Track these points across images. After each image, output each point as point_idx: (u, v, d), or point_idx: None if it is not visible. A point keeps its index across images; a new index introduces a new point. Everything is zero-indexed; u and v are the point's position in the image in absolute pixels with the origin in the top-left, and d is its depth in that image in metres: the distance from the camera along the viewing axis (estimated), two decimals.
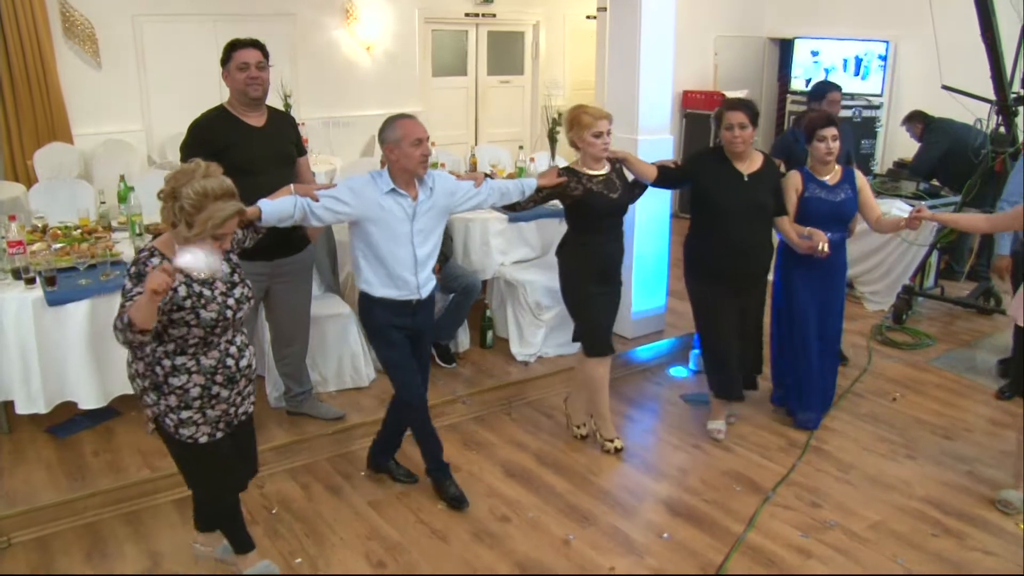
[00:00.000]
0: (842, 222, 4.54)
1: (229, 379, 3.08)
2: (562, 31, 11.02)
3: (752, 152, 4.35)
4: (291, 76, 8.48)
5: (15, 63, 7.46)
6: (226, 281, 3.05)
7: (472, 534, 3.79)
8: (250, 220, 3.35)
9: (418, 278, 3.73)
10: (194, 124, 4.05)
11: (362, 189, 3.60)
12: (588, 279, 4.26)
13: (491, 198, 4.02)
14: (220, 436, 3.12)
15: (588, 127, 4.10)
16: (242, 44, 4.01)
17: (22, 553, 3.66)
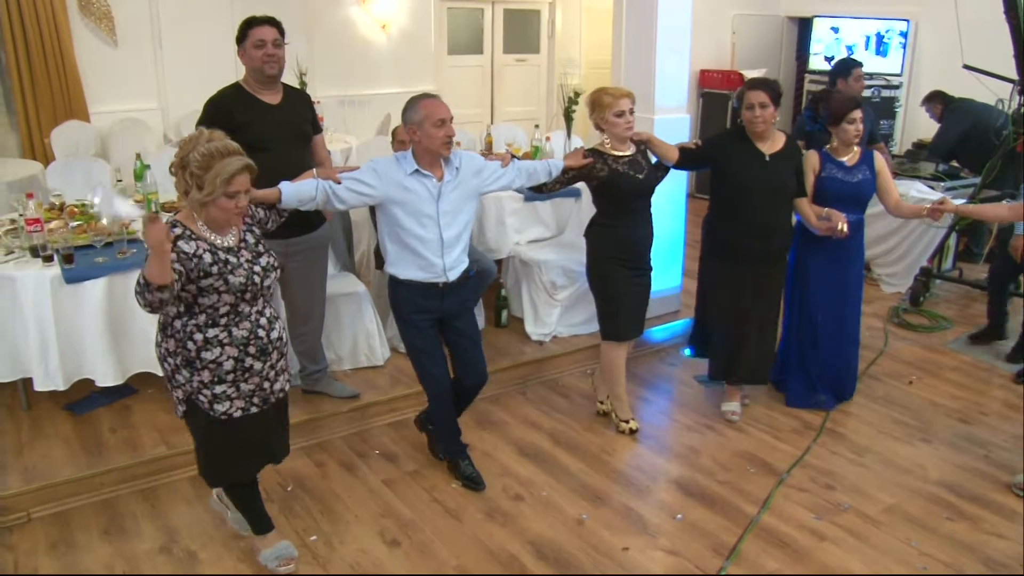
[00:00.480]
0: (859, 204, 4.51)
1: (261, 350, 3.12)
2: (578, 9, 10.96)
3: (774, 132, 4.33)
4: (306, 54, 8.45)
5: (32, 41, 7.48)
6: (251, 250, 3.10)
7: (485, 513, 3.80)
8: (272, 202, 3.37)
9: (444, 260, 3.69)
10: (210, 101, 4.05)
11: (386, 171, 3.59)
12: (613, 262, 4.25)
13: (519, 179, 3.99)
14: (255, 411, 3.16)
15: (609, 107, 4.08)
16: (258, 21, 4.00)
17: (41, 528, 3.70)
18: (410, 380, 4.89)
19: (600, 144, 4.23)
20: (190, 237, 2.95)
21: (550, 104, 10.92)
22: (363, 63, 9.33)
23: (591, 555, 3.52)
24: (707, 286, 4.64)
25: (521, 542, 3.60)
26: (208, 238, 3.00)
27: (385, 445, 4.37)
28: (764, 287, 4.47)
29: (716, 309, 4.59)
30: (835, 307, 4.61)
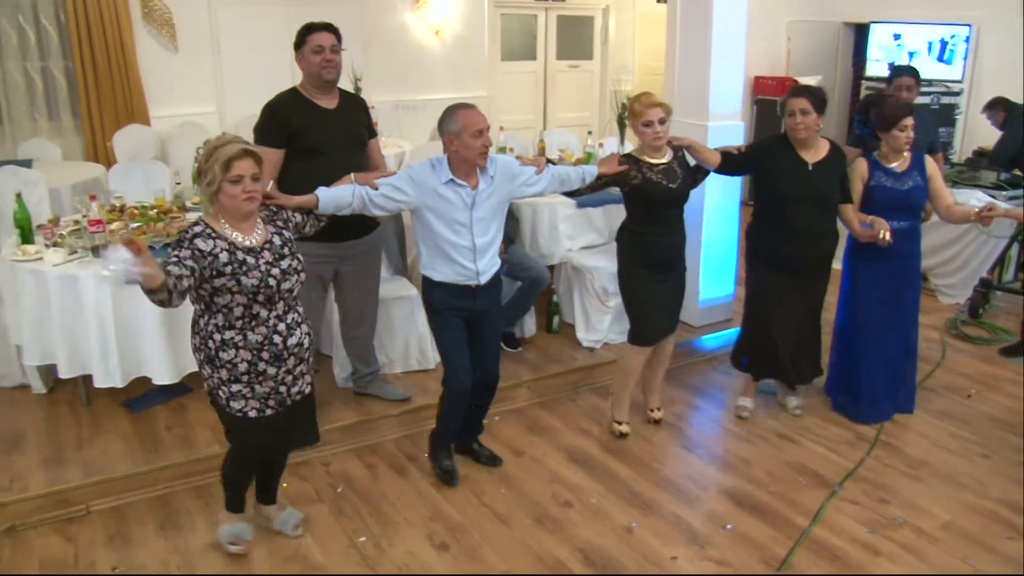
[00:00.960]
0: (910, 211, 4.41)
1: (275, 356, 3.14)
2: (632, 15, 10.93)
3: (817, 140, 4.27)
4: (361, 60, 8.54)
5: (98, 48, 7.68)
6: (275, 252, 3.12)
7: (534, 518, 3.80)
8: (309, 208, 3.42)
9: (477, 265, 3.72)
10: (268, 106, 4.10)
11: (421, 177, 3.61)
12: (642, 267, 4.23)
13: (552, 185, 3.98)
14: (270, 413, 3.21)
15: (639, 116, 4.05)
16: (317, 27, 4.04)
17: (99, 521, 3.78)
18: None
19: (636, 150, 4.20)
20: (210, 236, 2.99)
21: (603, 110, 10.90)
22: (417, 69, 9.40)
23: (640, 563, 3.50)
24: (751, 293, 4.59)
25: (570, 549, 3.60)
26: (230, 237, 3.03)
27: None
28: (807, 294, 4.43)
29: (760, 316, 4.53)
30: (888, 316, 4.51)
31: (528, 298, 5.33)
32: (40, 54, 7.74)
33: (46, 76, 7.83)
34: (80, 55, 7.68)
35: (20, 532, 3.69)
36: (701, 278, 5.60)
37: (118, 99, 7.90)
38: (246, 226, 3.10)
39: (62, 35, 7.73)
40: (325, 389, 4.77)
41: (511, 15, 10.30)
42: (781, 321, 4.45)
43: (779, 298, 4.41)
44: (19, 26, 7.59)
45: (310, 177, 3.54)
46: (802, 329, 4.50)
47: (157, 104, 8.14)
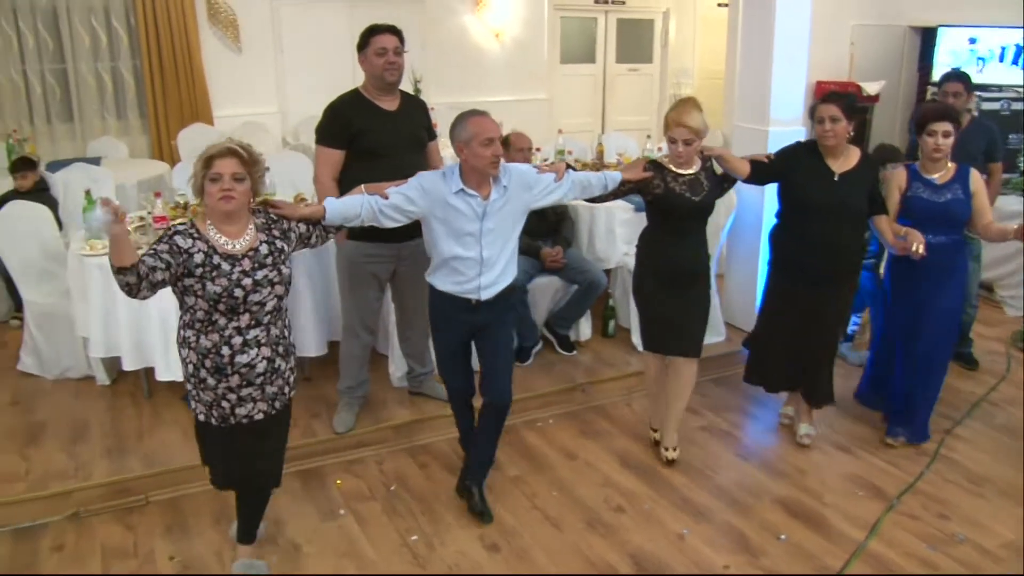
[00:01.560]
0: (949, 224, 4.17)
1: (217, 369, 2.96)
2: (692, 19, 10.85)
3: (847, 148, 4.09)
4: (420, 61, 8.61)
5: (165, 49, 7.87)
6: (257, 261, 2.96)
7: (586, 523, 3.80)
8: (316, 219, 3.28)
9: (481, 279, 3.57)
10: (330, 107, 4.14)
11: (431, 186, 3.48)
12: (653, 276, 4.08)
13: (572, 192, 3.81)
14: (215, 424, 3.06)
15: (667, 127, 3.91)
16: (380, 29, 4.07)
17: (157, 511, 3.86)
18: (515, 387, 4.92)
19: (664, 157, 4.06)
20: (191, 236, 2.89)
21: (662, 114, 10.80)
22: (476, 71, 9.45)
23: (691, 571, 3.48)
24: (765, 299, 4.45)
25: (620, 554, 3.58)
26: (212, 240, 2.92)
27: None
28: (824, 308, 4.23)
29: (773, 325, 4.39)
30: (924, 331, 4.29)
31: (584, 302, 5.33)
32: (111, 55, 7.97)
33: (115, 76, 8.06)
34: (148, 56, 7.89)
35: (83, 519, 3.79)
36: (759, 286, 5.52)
37: (183, 99, 8.08)
38: (234, 229, 2.96)
39: (132, 37, 7.94)
40: (381, 388, 4.84)
41: (571, 18, 10.29)
42: (788, 332, 4.29)
43: (791, 309, 4.25)
44: (92, 28, 7.82)
45: (369, 178, 3.56)
46: (814, 345, 4.30)
47: (220, 104, 8.31)
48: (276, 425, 3.21)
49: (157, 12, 7.78)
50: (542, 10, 9.80)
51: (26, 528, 3.71)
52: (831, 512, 3.88)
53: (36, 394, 4.90)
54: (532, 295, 5.21)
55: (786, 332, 4.31)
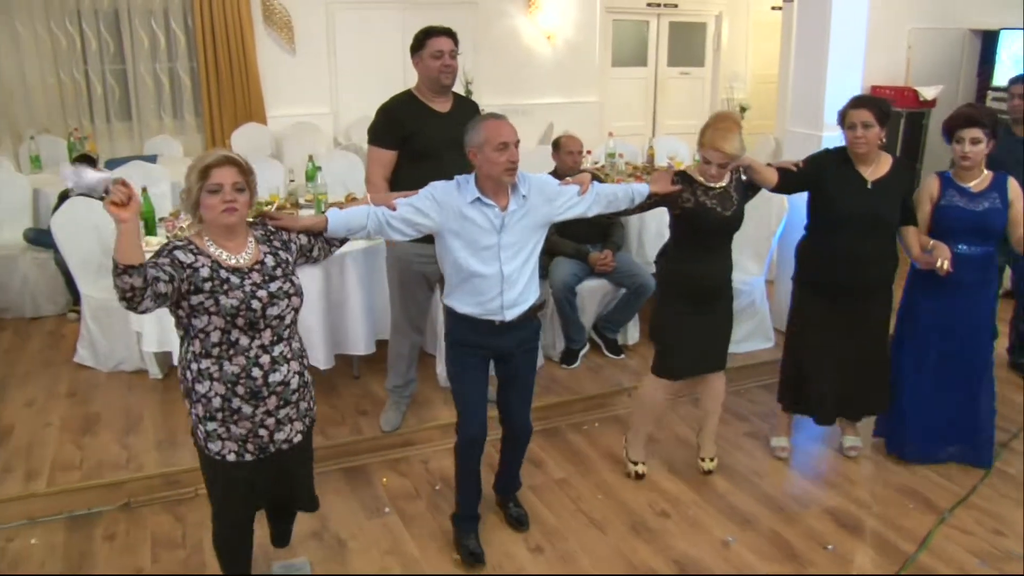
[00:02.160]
0: (984, 236, 3.97)
1: (253, 393, 2.75)
2: (746, 22, 10.77)
3: (879, 155, 3.93)
4: (472, 63, 8.65)
5: (220, 50, 8.02)
6: (266, 273, 2.77)
7: (630, 527, 3.78)
8: (318, 230, 3.05)
9: (503, 298, 3.30)
10: (383, 108, 4.16)
11: (444, 198, 3.24)
12: (681, 297, 3.90)
13: (596, 205, 3.56)
14: (250, 459, 2.84)
15: (702, 147, 3.72)
16: (436, 32, 4.07)
17: (205, 503, 3.85)
18: (561, 389, 4.94)
19: (692, 168, 3.89)
20: (192, 251, 2.68)
21: None
22: (528, 73, 9.47)
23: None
24: (794, 317, 4.23)
25: (664, 559, 3.56)
26: (214, 255, 2.71)
27: (533, 452, 4.39)
28: (860, 321, 4.05)
29: (812, 348, 4.16)
30: (955, 353, 4.10)
31: (633, 305, 5.31)
32: (168, 56, 8.14)
33: (172, 77, 8.23)
34: (204, 57, 8.04)
35: (134, 509, 3.87)
36: None
37: (237, 99, 8.22)
38: (233, 244, 2.75)
39: (189, 38, 8.11)
40: (428, 387, 4.86)
41: (623, 20, 10.27)
42: (820, 352, 4.11)
43: (823, 326, 4.07)
44: (151, 30, 8.00)
45: (421, 179, 3.55)
46: (856, 361, 4.10)
47: (274, 104, 8.44)
48: (310, 444, 3.09)
49: (214, 14, 7.93)
50: (594, 13, 9.79)
51: (81, 516, 3.79)
52: (880, 523, 3.82)
53: (91, 386, 5.01)
54: (580, 298, 5.21)
55: (830, 354, 4.10)
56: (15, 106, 7.73)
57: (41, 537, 3.68)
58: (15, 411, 4.68)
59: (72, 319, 5.93)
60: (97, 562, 3.53)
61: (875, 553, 3.61)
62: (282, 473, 2.97)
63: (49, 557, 3.56)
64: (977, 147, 3.88)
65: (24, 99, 7.75)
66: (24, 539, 3.67)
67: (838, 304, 4.04)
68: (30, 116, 7.78)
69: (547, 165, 5.61)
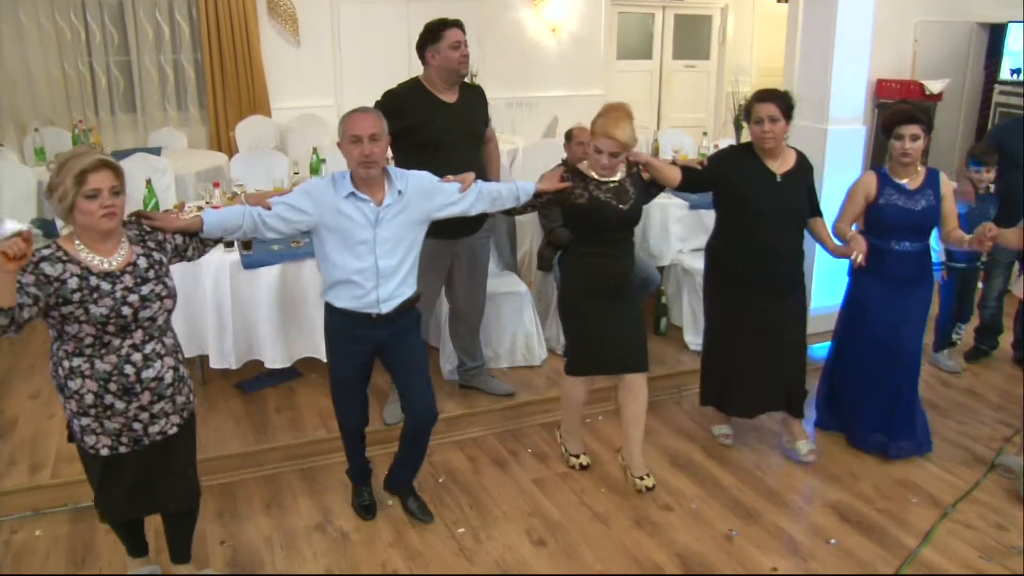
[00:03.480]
0: (921, 233, 4.03)
1: (125, 390, 2.75)
2: (751, 15, 10.74)
3: (785, 149, 3.94)
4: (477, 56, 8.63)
5: (225, 42, 8.02)
6: (138, 276, 2.75)
7: (633, 520, 3.78)
8: (193, 231, 3.02)
9: (379, 292, 3.34)
10: (391, 92, 4.11)
11: (319, 194, 3.26)
12: (586, 294, 3.82)
13: (480, 203, 3.56)
14: (124, 451, 2.84)
15: (593, 136, 3.66)
16: (450, 23, 4.05)
17: (210, 497, 3.91)
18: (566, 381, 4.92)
19: (583, 165, 3.80)
20: (60, 259, 2.64)
21: (719, 112, 10.75)
22: (532, 66, 9.46)
23: (739, 572, 3.45)
24: (720, 319, 4.19)
25: (668, 553, 3.56)
26: (84, 260, 2.67)
27: (537, 445, 4.41)
28: (778, 316, 4.05)
29: (724, 342, 4.18)
30: (890, 341, 4.13)
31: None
32: (173, 48, 8.14)
33: (177, 69, 8.23)
34: (209, 49, 8.03)
35: None
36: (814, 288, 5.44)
37: (242, 91, 8.22)
38: (106, 247, 2.72)
39: (193, 30, 8.10)
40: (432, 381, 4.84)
41: (628, 13, 10.25)
42: (752, 350, 4.10)
43: (740, 324, 4.07)
44: (155, 22, 8.00)
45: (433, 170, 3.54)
46: (777, 357, 4.12)
47: (278, 96, 8.44)
48: (189, 435, 3.06)
49: (219, 6, 7.92)
50: (599, 5, 9.77)
51: (85, 507, 3.79)
52: (884, 518, 3.81)
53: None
54: None
55: (750, 350, 4.10)
56: (20, 98, 7.73)
57: (46, 529, 3.70)
58: (20, 403, 4.69)
59: None
60: (101, 553, 3.54)
61: (878, 548, 3.60)
62: (157, 464, 2.94)
63: (53, 548, 3.57)
64: (916, 143, 3.90)
65: (28, 91, 7.75)
66: (29, 531, 3.68)
67: (755, 301, 4.02)
68: (35, 108, 7.78)
69: (553, 157, 5.62)
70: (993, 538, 3.67)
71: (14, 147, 7.34)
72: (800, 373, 4.23)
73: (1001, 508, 3.89)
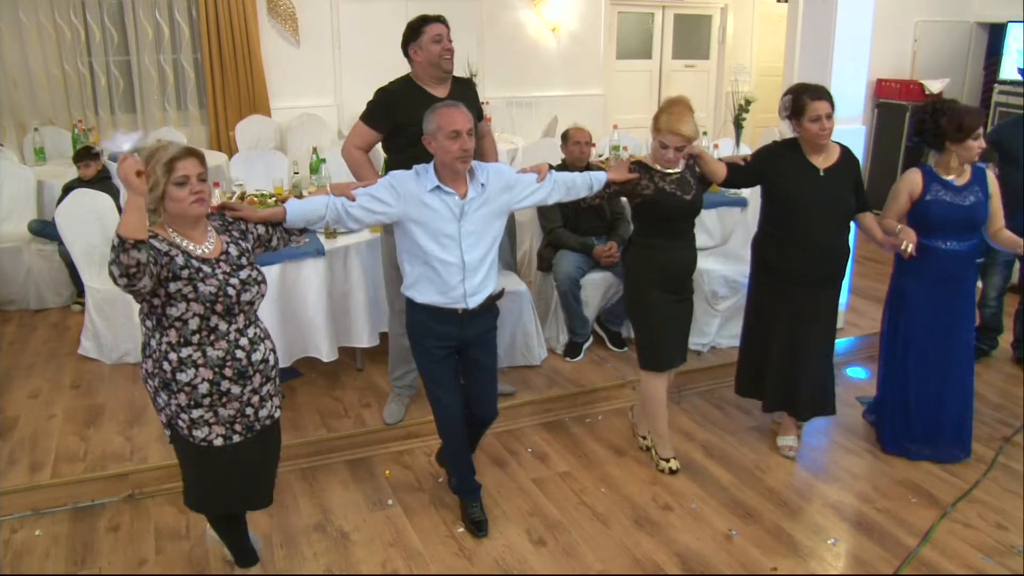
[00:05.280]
0: (972, 229, 4.00)
1: (240, 373, 2.85)
2: (751, 15, 10.74)
3: (830, 144, 3.96)
4: (477, 55, 8.64)
5: (225, 42, 8.01)
6: (232, 263, 2.85)
7: (633, 520, 3.78)
8: (276, 221, 3.12)
9: (466, 285, 3.35)
10: (383, 90, 4.16)
11: (404, 186, 3.28)
12: (655, 285, 3.90)
13: (556, 193, 3.62)
14: (237, 439, 2.92)
15: (659, 133, 3.73)
16: (431, 19, 4.10)
17: None
18: (564, 382, 4.94)
19: (647, 157, 3.91)
20: (162, 241, 2.72)
21: (719, 111, 10.75)
22: (532, 65, 9.45)
23: (738, 572, 3.45)
24: (758, 311, 4.24)
25: (667, 552, 3.56)
26: (182, 246, 2.75)
27: (537, 444, 4.41)
28: (819, 311, 4.10)
29: (768, 336, 4.19)
30: (940, 343, 4.11)
31: None
32: (172, 47, 8.12)
33: (177, 68, 8.22)
34: (208, 48, 8.02)
35: (139, 500, 3.88)
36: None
37: (242, 91, 8.21)
38: (197, 234, 2.81)
39: (193, 29, 8.09)
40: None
41: (628, 13, 10.24)
42: (774, 342, 4.16)
43: (782, 316, 4.10)
44: (155, 21, 7.98)
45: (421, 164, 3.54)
46: (805, 354, 4.13)
47: (278, 96, 8.43)
48: (279, 425, 3.16)
49: (219, 6, 7.91)
50: (599, 5, 9.76)
51: (85, 507, 3.81)
52: (884, 518, 3.82)
53: (95, 377, 5.02)
54: (584, 290, 5.20)
55: (781, 342, 4.15)
56: (19, 97, 7.72)
57: (46, 528, 3.70)
58: (20, 403, 4.69)
59: (76, 311, 5.93)
60: (101, 553, 3.54)
61: (878, 547, 3.61)
62: (265, 449, 3.05)
63: (53, 548, 3.57)
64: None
65: (28, 91, 7.74)
66: (29, 530, 3.68)
67: (794, 295, 4.05)
68: (34, 108, 7.78)
69: (552, 157, 5.62)
70: (994, 538, 3.67)
71: (14, 147, 7.34)
72: (827, 378, 4.25)
73: (1001, 508, 3.89)
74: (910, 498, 3.97)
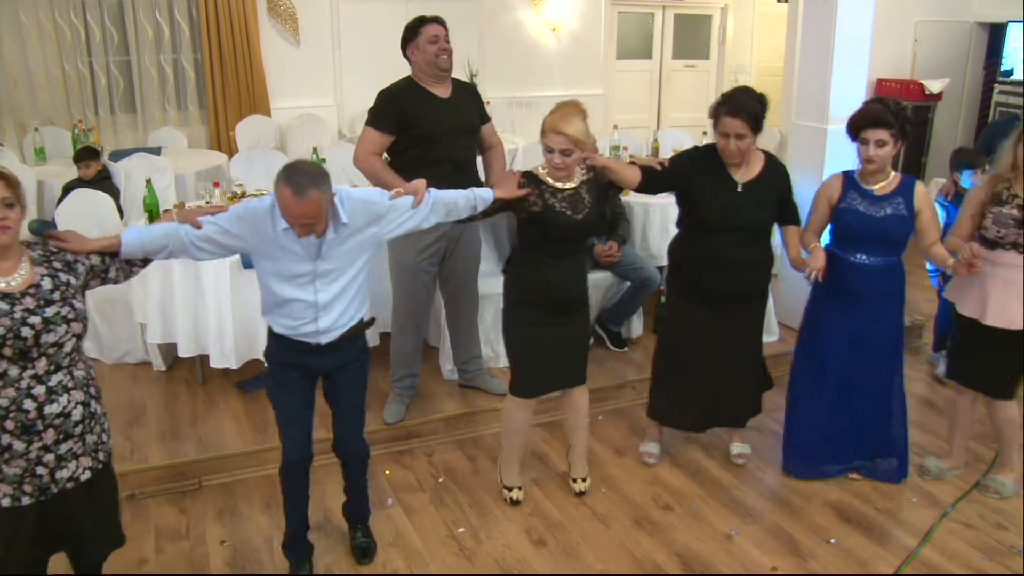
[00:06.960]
0: (885, 244, 3.68)
1: (24, 428, 2.43)
2: (751, 15, 10.74)
3: (752, 156, 3.66)
4: (477, 55, 8.64)
5: (225, 42, 8.01)
6: (42, 297, 2.47)
7: (633, 520, 3.78)
8: (112, 251, 2.75)
9: (318, 324, 3.07)
10: (385, 91, 4.17)
11: (255, 221, 2.95)
12: (531, 306, 3.61)
13: (433, 215, 3.27)
14: (28, 502, 2.51)
15: (543, 134, 3.42)
16: (428, 19, 4.13)
17: (210, 495, 3.94)
18: None
19: (539, 169, 3.55)
20: None
21: None
22: (532, 65, 9.46)
23: (738, 572, 3.45)
24: (669, 327, 4.04)
25: (668, 552, 3.56)
26: None
27: (536, 444, 4.41)
28: (735, 328, 3.87)
29: (683, 355, 3.95)
30: (863, 366, 3.85)
31: (637, 298, 5.29)
32: (172, 47, 8.13)
33: (177, 68, 8.23)
34: (209, 48, 8.03)
35: (139, 500, 3.88)
36: None
37: (242, 91, 8.21)
38: (4, 265, 2.45)
39: (193, 29, 8.10)
40: (431, 380, 4.85)
41: (628, 13, 10.24)
42: (701, 363, 3.89)
43: (695, 333, 3.86)
44: (155, 21, 7.99)
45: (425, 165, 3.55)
46: (727, 373, 3.91)
47: (278, 96, 8.44)
48: (108, 480, 2.78)
49: (219, 5, 7.92)
50: (599, 5, 9.77)
51: None
52: (883, 517, 3.82)
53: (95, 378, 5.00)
54: None
55: (698, 363, 3.90)
56: (19, 97, 7.72)
57: None
58: None
59: None
60: None
61: (878, 548, 3.61)
62: (71, 515, 2.65)
63: None
64: (883, 150, 3.59)
65: (28, 90, 7.74)
66: None
67: (711, 310, 3.82)
68: (34, 107, 7.78)
69: None
70: (994, 538, 3.68)
71: (14, 147, 7.34)
72: (752, 388, 4.09)
73: (1001, 508, 3.89)
74: (910, 498, 3.97)
